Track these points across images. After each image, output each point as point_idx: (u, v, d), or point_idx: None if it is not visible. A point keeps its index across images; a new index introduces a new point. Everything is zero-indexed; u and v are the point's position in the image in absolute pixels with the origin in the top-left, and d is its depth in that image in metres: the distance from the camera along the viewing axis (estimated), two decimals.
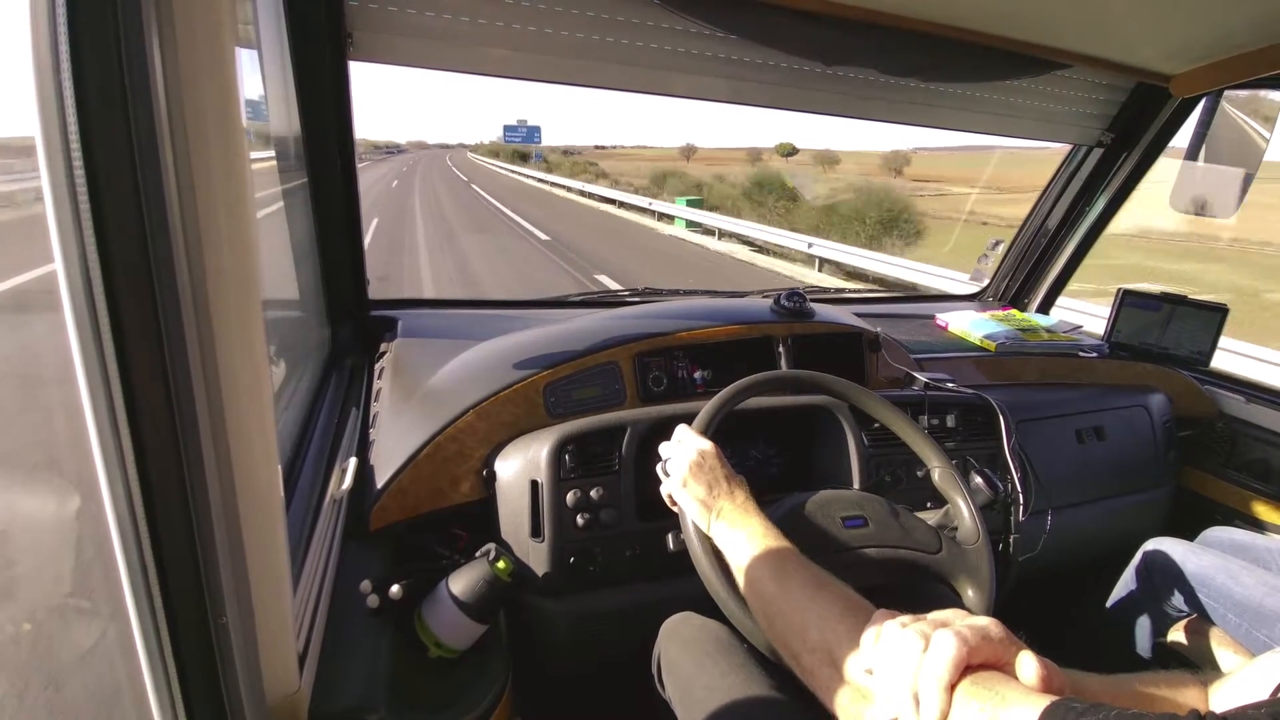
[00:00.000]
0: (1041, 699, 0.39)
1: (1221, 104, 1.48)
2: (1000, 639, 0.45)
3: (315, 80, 1.06)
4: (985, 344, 1.58)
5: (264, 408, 0.44)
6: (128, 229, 0.35)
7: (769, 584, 0.63)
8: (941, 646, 0.43)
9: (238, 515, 0.43)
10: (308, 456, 0.88)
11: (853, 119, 1.49)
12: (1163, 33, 1.24)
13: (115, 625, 0.42)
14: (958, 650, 0.43)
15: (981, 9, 1.16)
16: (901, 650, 0.45)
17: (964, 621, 0.46)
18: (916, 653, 0.44)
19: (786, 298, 1.33)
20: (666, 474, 0.80)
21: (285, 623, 0.51)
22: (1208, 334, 1.64)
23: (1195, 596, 1.17)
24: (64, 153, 0.33)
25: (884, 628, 0.48)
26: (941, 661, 0.42)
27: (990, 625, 0.45)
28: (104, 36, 0.33)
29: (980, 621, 0.46)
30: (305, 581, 0.68)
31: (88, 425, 0.36)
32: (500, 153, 60.31)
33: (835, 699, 0.50)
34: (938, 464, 0.91)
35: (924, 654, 0.44)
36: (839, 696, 0.50)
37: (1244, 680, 0.52)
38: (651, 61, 1.22)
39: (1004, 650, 0.44)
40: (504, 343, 1.20)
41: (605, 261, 9.65)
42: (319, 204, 1.17)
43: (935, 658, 0.43)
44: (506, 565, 0.85)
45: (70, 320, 0.35)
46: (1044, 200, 1.85)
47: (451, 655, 0.83)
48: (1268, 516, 1.44)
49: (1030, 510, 1.23)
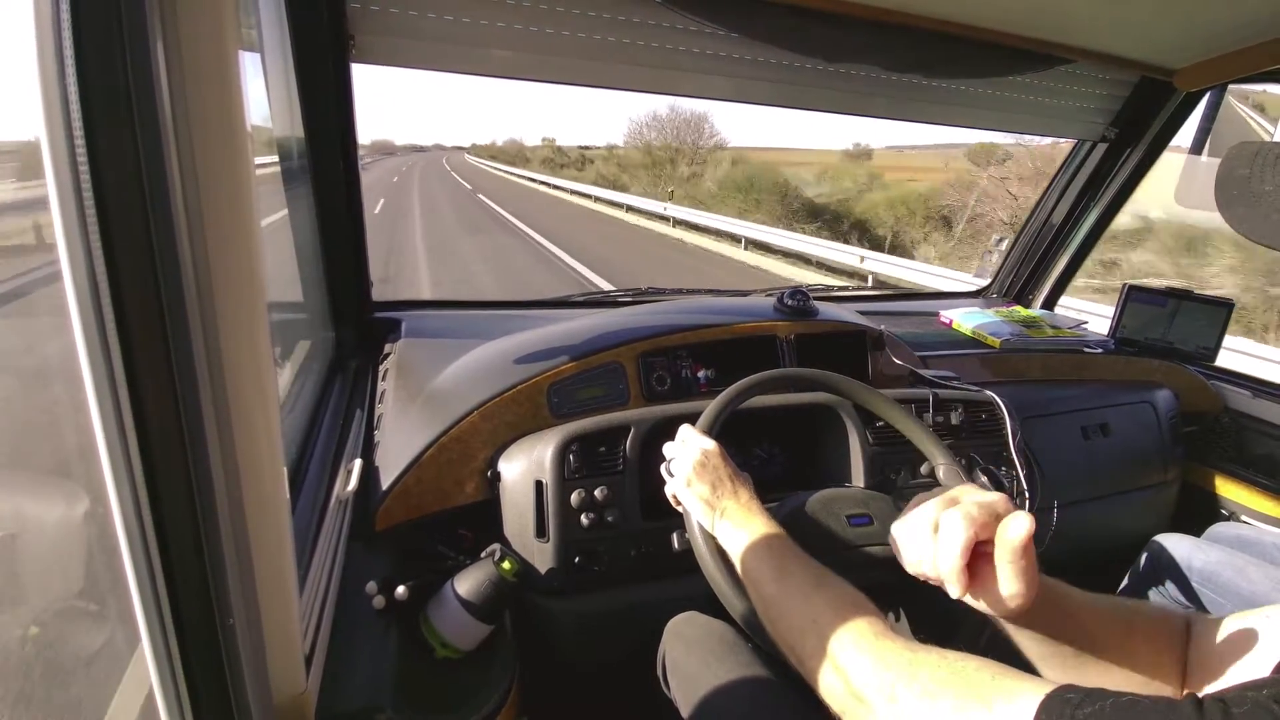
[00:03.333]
0: (1036, 690, 0.39)
1: (1226, 98, 1.47)
2: (1009, 511, 0.48)
3: (318, 83, 1.06)
4: (990, 341, 1.57)
5: (269, 410, 0.44)
6: (133, 233, 0.35)
7: (770, 585, 0.63)
8: (950, 531, 0.47)
9: (244, 517, 0.43)
10: (313, 458, 0.88)
11: (855, 116, 1.49)
12: (1167, 26, 1.24)
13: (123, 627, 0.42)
14: (967, 532, 0.46)
15: (984, 5, 1.15)
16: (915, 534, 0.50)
17: (973, 497, 0.49)
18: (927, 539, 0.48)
19: (789, 296, 1.33)
20: (670, 474, 0.80)
21: (292, 624, 0.51)
22: (1213, 329, 1.64)
23: (1202, 592, 1.16)
24: (69, 158, 0.33)
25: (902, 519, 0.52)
26: (952, 545, 0.46)
27: (999, 502, 0.49)
28: (108, 40, 0.33)
29: (989, 497, 0.49)
30: (311, 583, 0.69)
31: (95, 428, 0.37)
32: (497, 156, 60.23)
33: (837, 701, 0.50)
34: (942, 461, 0.90)
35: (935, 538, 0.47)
36: (841, 699, 0.49)
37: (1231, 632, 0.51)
38: (653, 61, 1.22)
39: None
40: (507, 343, 1.20)
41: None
42: (322, 206, 1.17)
43: (945, 541, 0.47)
44: (512, 565, 0.85)
45: (77, 324, 0.35)
46: (1048, 196, 1.85)
47: (457, 655, 0.83)
48: (1274, 511, 1.44)
49: (1036, 507, 1.23)
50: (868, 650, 0.49)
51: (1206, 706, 0.34)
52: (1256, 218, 0.56)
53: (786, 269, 10.04)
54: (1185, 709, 0.34)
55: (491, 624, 0.85)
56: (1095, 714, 0.35)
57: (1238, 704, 0.33)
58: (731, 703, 0.79)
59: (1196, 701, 0.34)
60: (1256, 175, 0.56)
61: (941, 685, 0.43)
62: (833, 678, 0.50)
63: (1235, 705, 0.33)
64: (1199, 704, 0.34)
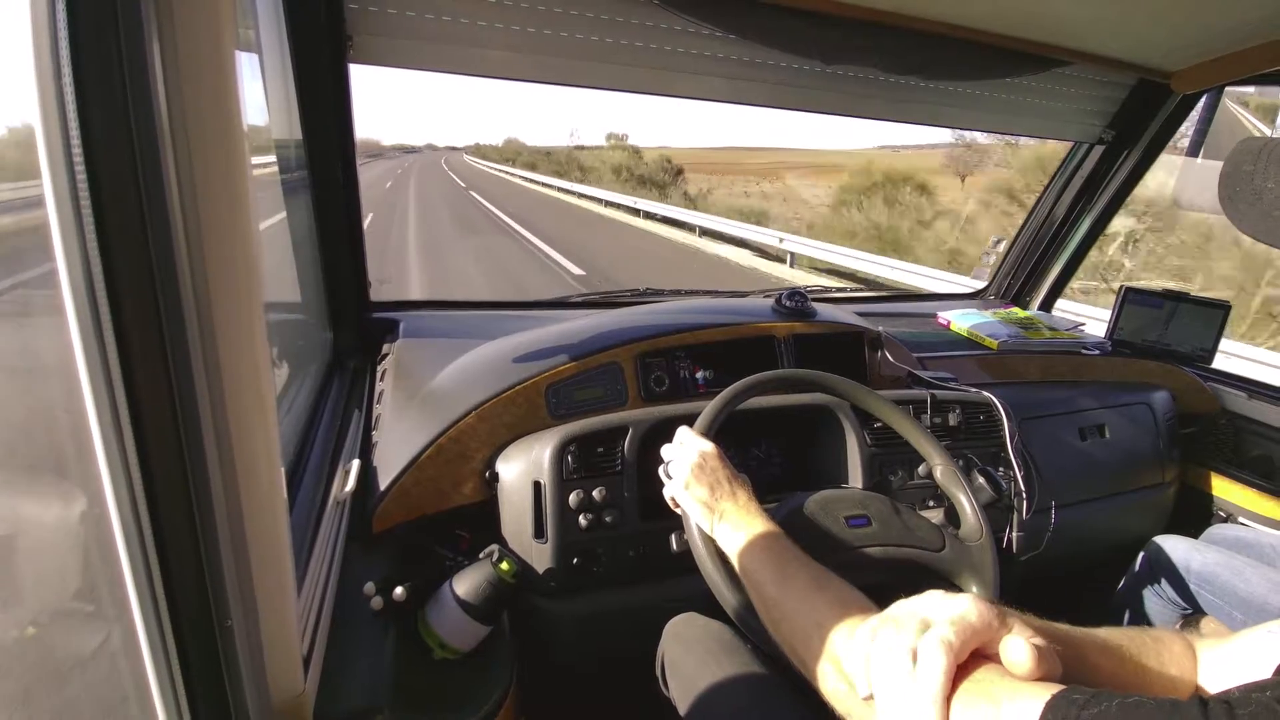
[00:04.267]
0: (1043, 690, 0.39)
1: (1223, 100, 1.47)
2: (986, 623, 0.44)
3: (316, 84, 1.06)
4: (987, 342, 1.58)
5: (267, 411, 0.44)
6: (130, 234, 0.35)
7: (771, 587, 0.62)
8: (929, 662, 0.42)
9: (241, 518, 0.43)
10: (311, 459, 0.88)
11: (853, 118, 1.49)
12: (1163, 29, 1.24)
13: (120, 629, 0.42)
14: (946, 661, 0.42)
15: (981, 7, 1.16)
16: (891, 672, 0.44)
17: (946, 616, 0.45)
18: (906, 673, 0.43)
19: (788, 297, 1.33)
20: (669, 476, 0.80)
21: (290, 625, 0.51)
22: (1210, 330, 1.64)
23: (1199, 593, 1.17)
24: (66, 159, 0.33)
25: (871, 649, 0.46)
26: (932, 679, 0.41)
27: (970, 613, 0.44)
28: (104, 41, 0.33)
29: (960, 609, 0.45)
30: (309, 584, 0.69)
31: (92, 429, 0.36)
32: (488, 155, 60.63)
33: (841, 703, 0.50)
34: (940, 462, 0.90)
35: (914, 672, 0.43)
36: (845, 700, 0.49)
37: (1236, 651, 0.51)
38: (651, 62, 1.22)
39: (992, 632, 0.44)
40: (505, 344, 1.20)
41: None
42: (320, 207, 1.17)
43: (925, 675, 0.42)
44: (510, 566, 0.85)
45: (74, 325, 0.35)
46: (1045, 198, 1.85)
47: (455, 656, 0.83)
48: (1271, 513, 1.44)
49: (1033, 508, 1.23)
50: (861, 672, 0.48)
51: (1211, 707, 0.34)
52: (1257, 215, 0.56)
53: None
54: (1190, 709, 0.34)
55: (489, 625, 0.85)
56: (1101, 714, 0.35)
57: (1242, 705, 0.33)
58: (730, 703, 0.79)
59: (1201, 702, 0.34)
60: (1260, 172, 0.56)
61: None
62: (837, 682, 0.50)
63: (1240, 706, 0.33)
64: (1204, 705, 0.34)
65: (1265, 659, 0.47)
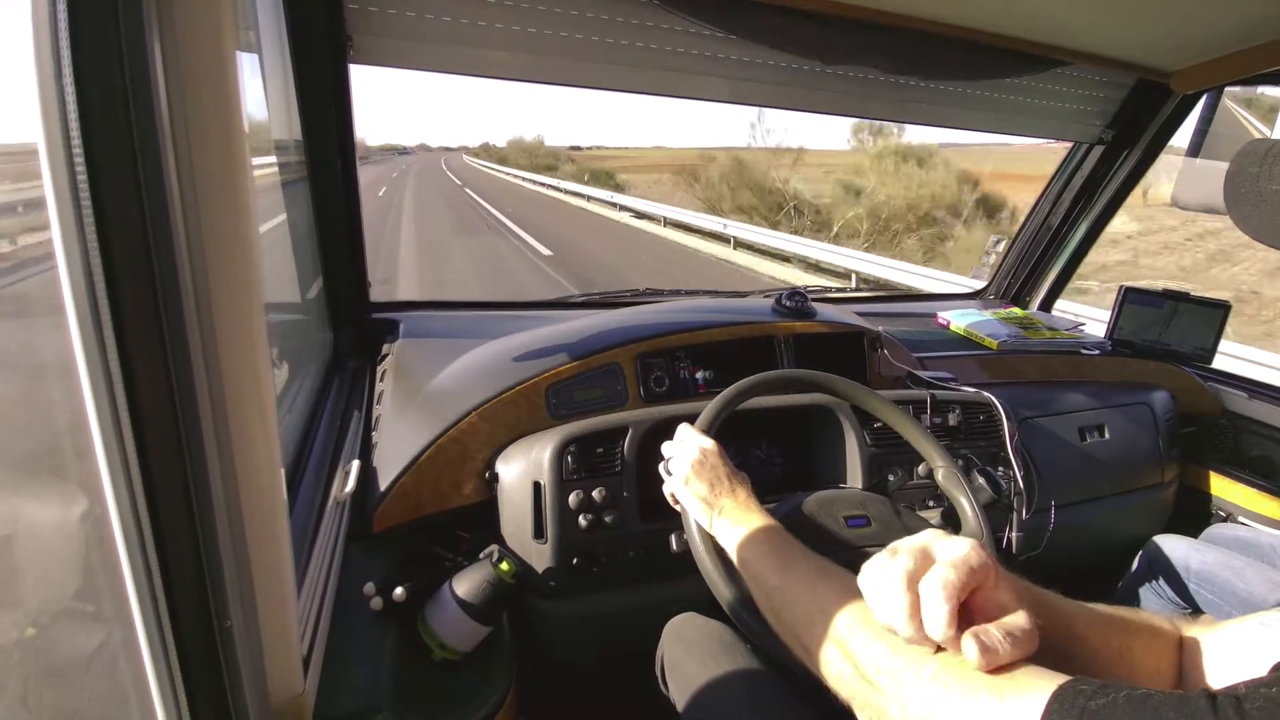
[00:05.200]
0: (1049, 680, 0.39)
1: (1223, 100, 1.47)
2: (985, 565, 0.46)
3: (316, 84, 1.06)
4: (987, 342, 1.58)
5: (267, 411, 0.44)
6: (130, 234, 0.35)
7: (773, 577, 0.62)
8: (931, 599, 0.44)
9: (241, 519, 0.43)
10: (310, 459, 0.88)
11: (853, 118, 1.49)
12: (1163, 29, 1.24)
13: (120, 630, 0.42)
14: (949, 605, 0.44)
15: (981, 7, 1.16)
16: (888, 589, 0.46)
17: (948, 558, 0.46)
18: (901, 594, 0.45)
19: (788, 297, 1.33)
20: (669, 473, 0.80)
21: (289, 626, 0.51)
22: (1210, 330, 1.64)
23: (1199, 593, 1.17)
24: (66, 158, 0.33)
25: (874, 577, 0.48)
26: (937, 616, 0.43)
27: (972, 555, 0.46)
28: (105, 42, 0.33)
29: (961, 550, 0.46)
30: (309, 585, 0.69)
31: (92, 429, 0.36)
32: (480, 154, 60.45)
33: (845, 686, 0.50)
34: (940, 463, 0.90)
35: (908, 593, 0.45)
36: (850, 684, 0.49)
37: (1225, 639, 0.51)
38: (652, 62, 1.22)
39: (990, 575, 0.46)
40: (505, 344, 1.20)
41: None
42: (320, 207, 1.17)
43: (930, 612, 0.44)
44: (510, 567, 0.85)
45: (74, 325, 0.35)
46: (1045, 198, 1.85)
47: (455, 657, 0.83)
48: (1271, 512, 1.44)
49: (1033, 508, 1.23)
50: (877, 636, 0.48)
51: (1220, 702, 0.33)
52: (1262, 216, 0.56)
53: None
54: (1199, 704, 0.34)
55: (489, 625, 0.85)
56: (1108, 705, 0.35)
57: (1251, 700, 0.33)
58: (729, 703, 0.79)
59: (1210, 696, 0.34)
60: (1266, 173, 0.56)
61: (952, 672, 0.43)
62: (842, 664, 0.50)
63: (1248, 701, 0.33)
64: (1213, 699, 0.34)
65: (1257, 650, 0.47)
